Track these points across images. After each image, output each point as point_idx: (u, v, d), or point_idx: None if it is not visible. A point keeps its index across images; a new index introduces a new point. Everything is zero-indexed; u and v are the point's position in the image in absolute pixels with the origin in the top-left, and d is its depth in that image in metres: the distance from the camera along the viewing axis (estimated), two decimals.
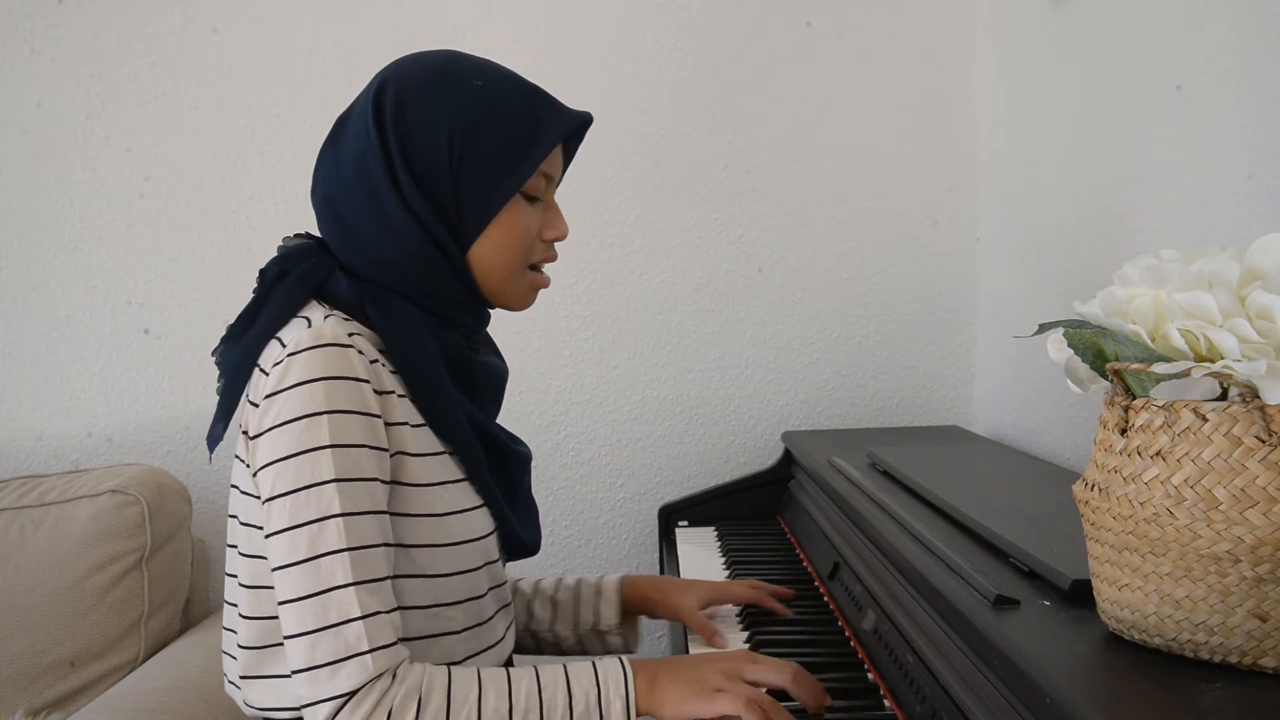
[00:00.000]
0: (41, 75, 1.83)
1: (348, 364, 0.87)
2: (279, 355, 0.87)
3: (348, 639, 0.82)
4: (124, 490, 1.62)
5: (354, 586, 0.84)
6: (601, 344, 1.92)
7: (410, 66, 0.98)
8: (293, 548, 0.84)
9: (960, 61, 1.91)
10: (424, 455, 0.94)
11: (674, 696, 0.89)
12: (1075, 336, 0.77)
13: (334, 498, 0.84)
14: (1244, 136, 1.13)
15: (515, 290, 1.02)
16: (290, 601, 0.84)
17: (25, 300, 1.85)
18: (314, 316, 0.90)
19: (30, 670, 1.53)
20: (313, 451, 0.85)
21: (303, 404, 0.85)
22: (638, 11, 1.88)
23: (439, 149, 0.95)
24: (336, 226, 0.97)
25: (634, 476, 1.93)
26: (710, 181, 1.90)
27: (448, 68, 0.98)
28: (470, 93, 0.96)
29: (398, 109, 0.95)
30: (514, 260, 1.00)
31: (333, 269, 0.95)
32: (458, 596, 0.96)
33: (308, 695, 0.83)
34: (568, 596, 1.21)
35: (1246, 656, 0.68)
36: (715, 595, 1.21)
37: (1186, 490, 0.68)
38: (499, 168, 0.97)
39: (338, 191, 0.97)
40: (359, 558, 0.85)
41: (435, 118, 0.95)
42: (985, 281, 1.92)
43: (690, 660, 0.94)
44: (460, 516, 0.96)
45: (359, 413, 0.87)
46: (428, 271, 0.96)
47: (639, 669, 0.90)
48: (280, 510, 0.85)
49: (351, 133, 0.97)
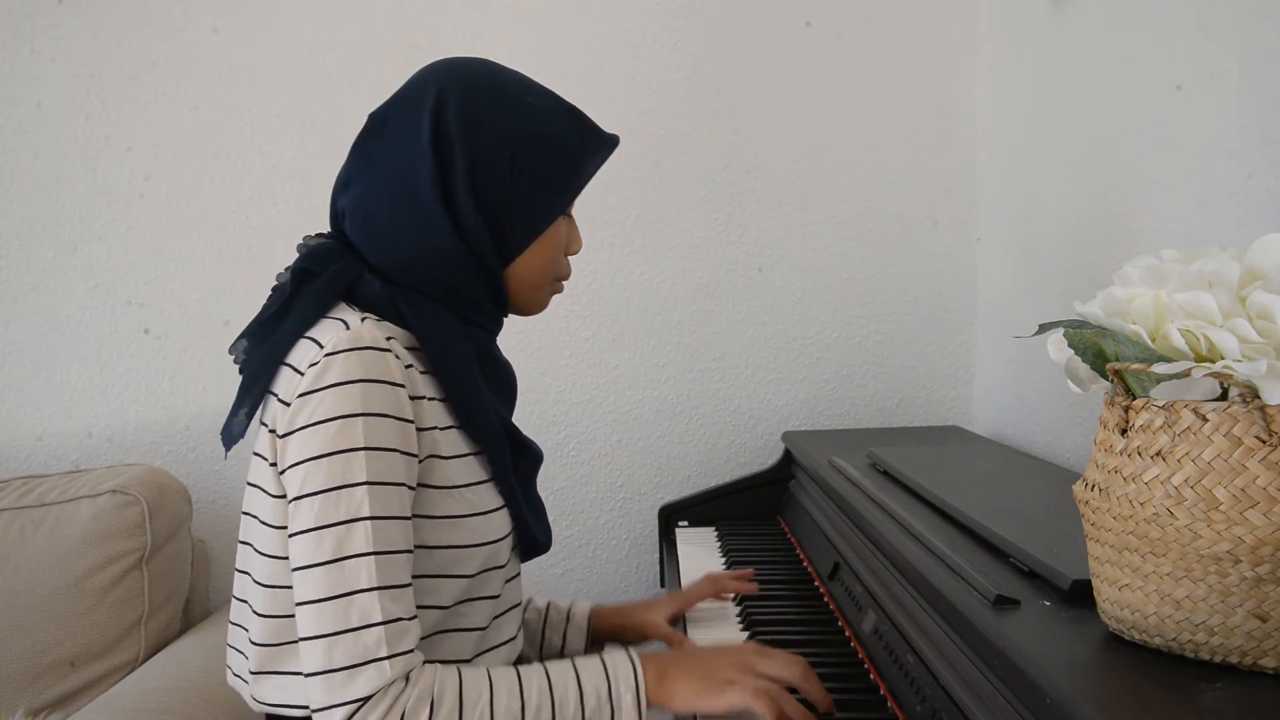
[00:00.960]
0: (41, 75, 1.83)
1: (385, 368, 0.87)
2: (316, 355, 0.87)
3: (366, 644, 0.82)
4: (124, 490, 1.62)
5: (378, 591, 0.83)
6: (601, 344, 1.92)
7: (464, 75, 0.98)
8: (318, 548, 0.84)
9: (960, 61, 1.91)
10: (454, 457, 0.94)
11: (685, 689, 0.90)
12: (1075, 336, 0.77)
13: (364, 500, 0.84)
14: (1244, 136, 1.13)
15: (540, 299, 1.05)
16: (310, 603, 0.84)
17: (25, 300, 1.85)
18: (350, 319, 0.90)
19: (30, 670, 1.53)
20: (346, 453, 0.85)
21: (339, 405, 0.85)
22: (638, 11, 1.88)
23: (502, 163, 0.95)
24: (367, 227, 0.96)
25: (634, 476, 1.93)
26: (710, 181, 1.91)
27: (501, 80, 0.99)
28: (528, 109, 0.98)
29: (462, 119, 0.94)
30: (546, 274, 1.03)
31: (362, 271, 0.95)
32: (476, 595, 0.96)
33: (321, 699, 0.82)
34: (535, 618, 1.22)
35: (1246, 657, 0.68)
36: (678, 605, 1.23)
37: (1187, 490, 0.68)
38: (553, 187, 0.99)
39: (373, 192, 0.96)
40: (384, 562, 0.84)
41: (500, 132, 0.95)
42: (985, 281, 1.92)
43: (700, 653, 0.95)
44: (484, 518, 0.96)
45: (394, 417, 0.87)
46: (457, 278, 0.96)
47: (648, 662, 0.91)
48: (308, 509, 0.85)
49: (395, 135, 0.96)
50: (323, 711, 0.82)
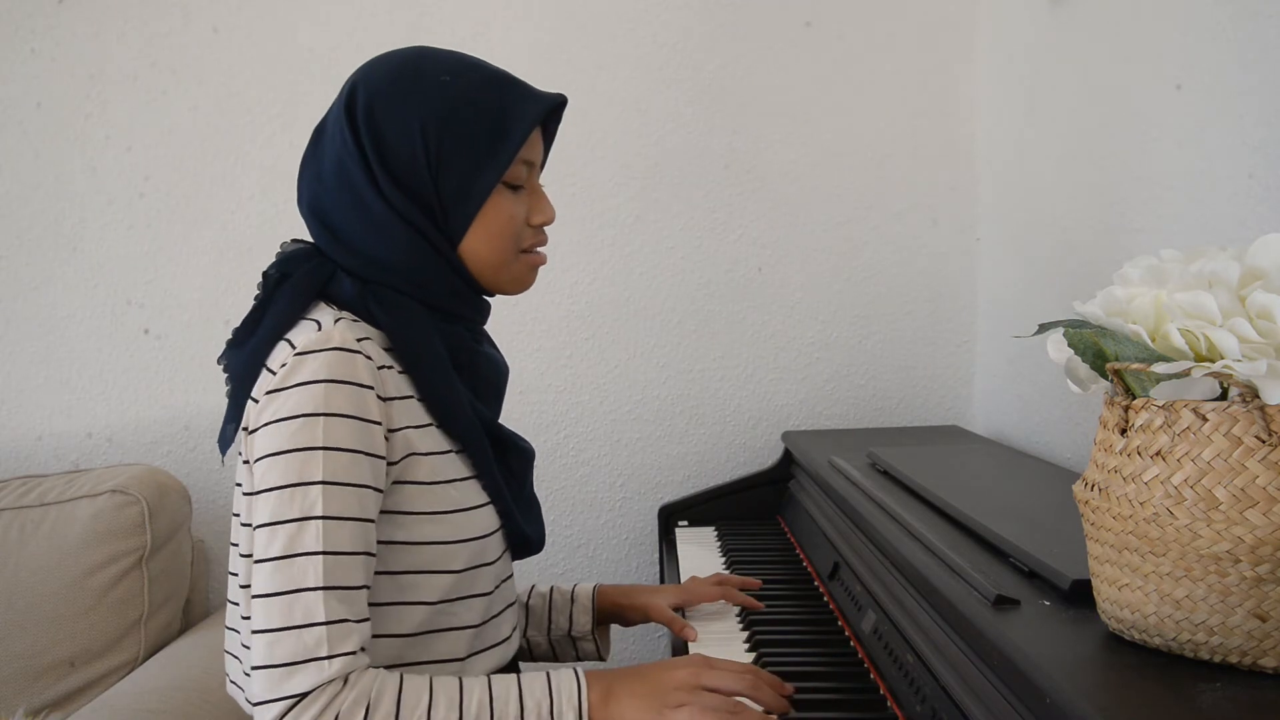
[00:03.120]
0: (41, 75, 1.83)
1: (353, 369, 0.87)
2: (287, 355, 0.88)
3: (307, 642, 0.82)
4: (124, 490, 1.62)
5: (323, 591, 0.83)
6: (601, 344, 1.92)
7: (377, 68, 0.99)
8: (270, 543, 0.84)
9: (960, 61, 1.91)
10: (433, 454, 0.94)
11: (631, 710, 0.88)
12: (1075, 336, 0.77)
13: (318, 499, 0.84)
14: (1244, 136, 1.13)
15: (512, 276, 1.03)
16: (260, 596, 0.84)
17: (25, 300, 1.85)
18: (323, 319, 0.91)
19: (30, 670, 1.53)
20: (304, 451, 0.85)
21: (301, 404, 0.86)
22: (638, 11, 1.88)
23: (413, 147, 0.95)
24: (326, 232, 0.97)
25: (634, 476, 1.93)
26: (710, 181, 1.90)
27: (415, 65, 0.98)
28: (438, 87, 0.97)
29: (368, 111, 0.95)
30: (505, 249, 1.00)
31: (334, 271, 0.96)
32: (464, 593, 0.96)
33: (260, 693, 0.82)
34: (540, 603, 1.22)
35: (1246, 656, 0.68)
36: (684, 597, 1.23)
37: (1186, 490, 0.68)
38: (477, 160, 0.97)
39: (322, 199, 0.97)
40: (334, 563, 0.84)
41: (405, 116, 0.95)
42: (985, 281, 1.92)
43: (646, 671, 0.92)
44: (468, 514, 0.96)
45: (358, 418, 0.87)
46: (423, 268, 0.97)
47: (594, 680, 0.89)
48: (264, 504, 0.85)
49: (328, 139, 0.98)
50: (260, 706, 0.82)
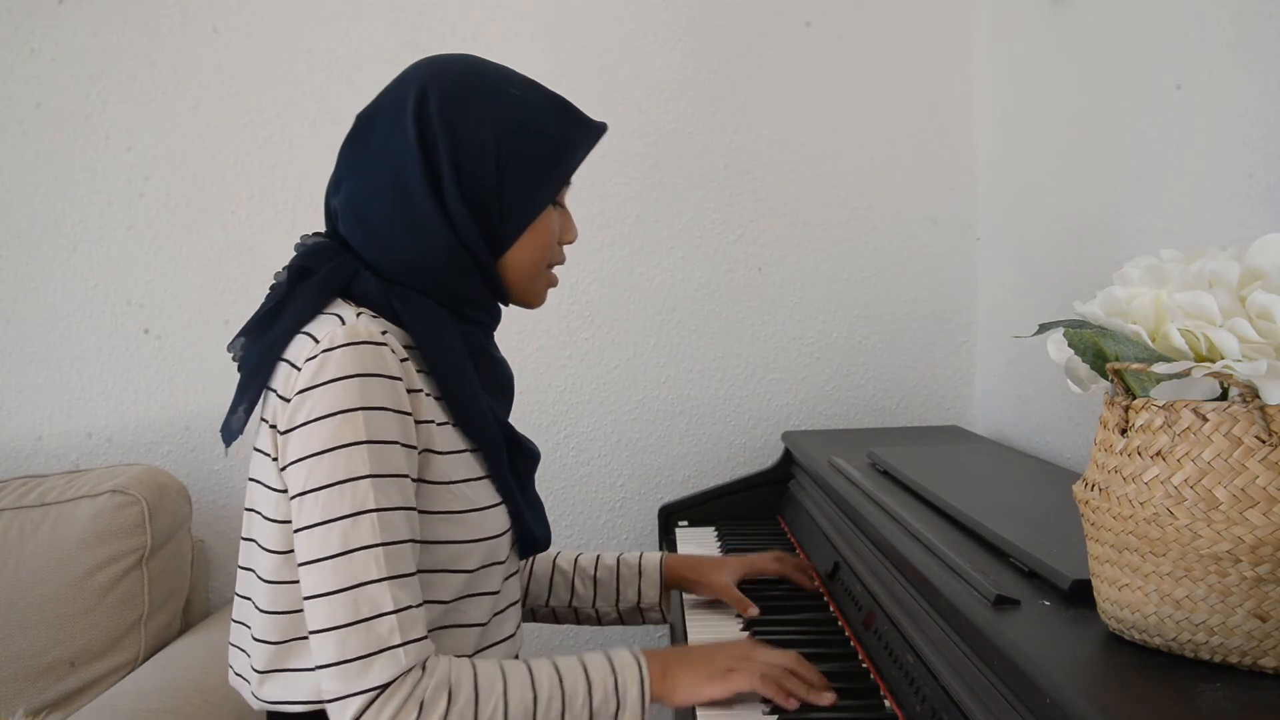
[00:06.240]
0: (41, 75, 1.83)
1: (382, 361, 0.88)
2: (312, 351, 0.88)
3: (380, 633, 0.83)
4: (124, 490, 1.62)
5: (387, 581, 0.84)
6: (601, 344, 1.92)
7: (445, 71, 0.99)
8: (325, 542, 0.85)
9: (960, 61, 1.91)
10: (449, 453, 0.95)
11: (686, 682, 0.93)
12: (1075, 336, 0.77)
13: (369, 493, 0.85)
14: (1244, 136, 1.13)
15: (536, 289, 1.06)
16: (319, 596, 0.84)
17: (25, 300, 1.85)
18: (345, 314, 0.91)
19: (30, 670, 1.53)
20: (348, 447, 0.85)
21: (338, 400, 0.86)
22: (638, 12, 1.88)
23: (486, 155, 0.96)
24: (360, 227, 0.97)
25: (634, 476, 1.93)
26: (710, 181, 1.90)
27: (483, 74, 1.00)
28: (511, 100, 0.98)
29: (444, 114, 0.95)
30: (540, 262, 1.03)
31: (358, 268, 0.96)
32: (476, 590, 0.97)
33: (336, 690, 0.83)
34: (608, 575, 1.26)
35: (1246, 656, 0.68)
36: (748, 569, 1.29)
37: (1186, 490, 0.68)
38: (540, 175, 0.99)
39: (364, 193, 0.97)
40: (391, 553, 0.85)
41: (482, 124, 0.96)
42: (985, 281, 1.92)
43: (699, 648, 0.98)
44: (480, 514, 0.97)
45: (393, 410, 0.88)
46: (452, 273, 0.97)
47: (651, 658, 0.94)
48: (312, 505, 0.85)
49: (381, 134, 0.97)
50: (338, 701, 0.83)
